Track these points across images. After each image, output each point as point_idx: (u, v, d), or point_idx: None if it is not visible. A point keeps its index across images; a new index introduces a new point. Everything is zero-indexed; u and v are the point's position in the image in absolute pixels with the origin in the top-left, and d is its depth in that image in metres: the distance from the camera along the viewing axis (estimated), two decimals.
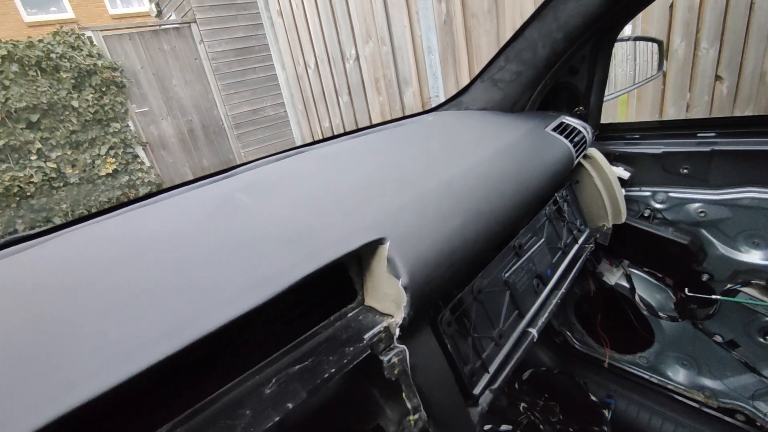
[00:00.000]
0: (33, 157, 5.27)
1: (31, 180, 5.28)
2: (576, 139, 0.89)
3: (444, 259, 0.50)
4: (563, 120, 0.95)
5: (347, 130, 4.26)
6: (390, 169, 0.65)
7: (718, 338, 1.02)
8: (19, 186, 5.21)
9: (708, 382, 1.09)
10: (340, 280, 0.53)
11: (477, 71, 2.77)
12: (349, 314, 0.50)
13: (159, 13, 7.52)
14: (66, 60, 5.32)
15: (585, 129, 0.95)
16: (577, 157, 0.88)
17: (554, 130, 0.89)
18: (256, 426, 0.37)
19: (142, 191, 6.11)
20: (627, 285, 1.11)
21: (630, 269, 1.11)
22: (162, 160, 6.43)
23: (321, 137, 4.77)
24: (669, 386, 1.16)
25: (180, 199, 0.68)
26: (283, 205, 0.56)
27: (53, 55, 5.23)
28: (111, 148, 5.83)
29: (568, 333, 1.35)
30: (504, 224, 0.60)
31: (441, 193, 0.57)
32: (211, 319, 0.36)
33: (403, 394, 0.48)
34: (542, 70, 0.98)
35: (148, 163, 6.24)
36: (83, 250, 0.53)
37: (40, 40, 5.23)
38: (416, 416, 0.49)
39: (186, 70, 6.46)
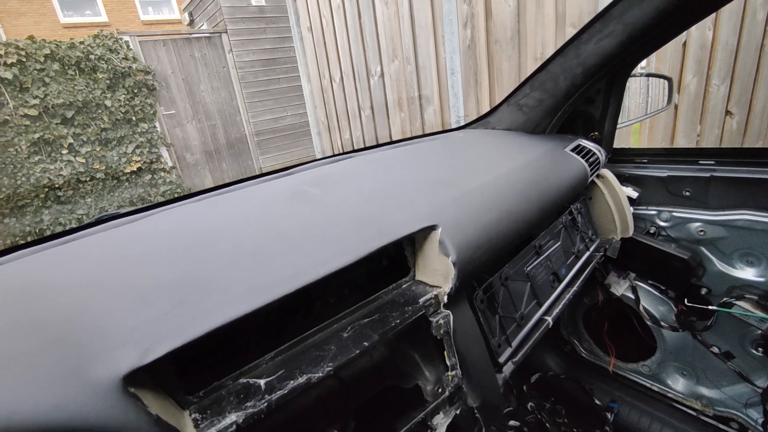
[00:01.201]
0: (64, 152, 5.53)
1: (61, 173, 5.53)
2: (591, 159, 1.02)
3: (482, 245, 0.62)
4: (580, 142, 1.08)
5: (367, 143, 4.41)
6: (434, 172, 0.78)
7: (715, 349, 1.11)
8: (48, 178, 5.45)
9: (705, 391, 1.18)
10: (394, 259, 0.66)
11: (498, 94, 2.92)
12: (404, 285, 0.62)
13: (191, 22, 7.89)
14: (103, 61, 5.62)
15: (599, 151, 1.07)
16: (591, 175, 1.00)
17: (572, 150, 1.01)
18: (341, 356, 0.49)
19: (163, 190, 6.33)
20: (633, 296, 1.21)
21: (636, 281, 1.21)
22: (184, 161, 6.66)
23: (341, 149, 4.91)
24: (669, 394, 1.25)
25: (252, 191, 0.81)
26: (349, 196, 0.69)
27: (92, 56, 5.53)
28: (137, 147, 6.08)
29: (576, 342, 1.45)
30: (528, 224, 0.72)
31: (479, 194, 0.69)
32: (313, 272, 0.48)
33: (445, 353, 0.59)
34: (562, 99, 1.11)
35: (170, 164, 6.48)
36: (187, 224, 0.66)
37: (81, 42, 5.54)
38: (453, 373, 0.61)
39: (213, 77, 6.75)
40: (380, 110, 4.00)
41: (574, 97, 1.09)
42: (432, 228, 0.60)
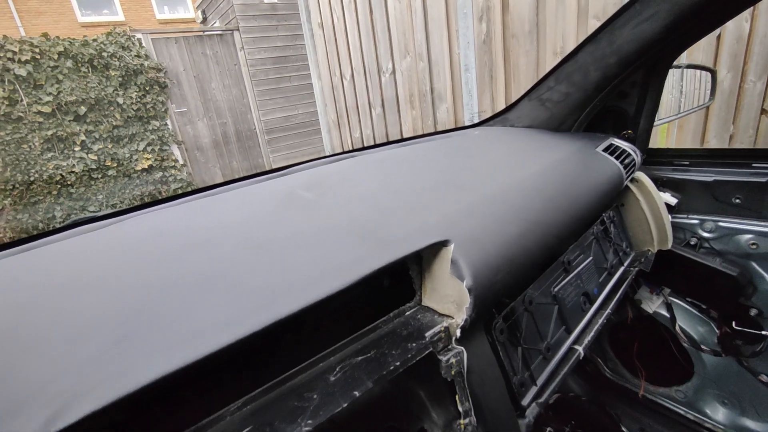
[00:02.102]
0: (77, 149, 5.55)
1: (73, 170, 5.55)
2: (626, 161, 0.89)
3: (504, 264, 0.51)
4: (612, 142, 0.95)
5: (377, 141, 4.31)
6: (446, 174, 0.67)
7: (765, 377, 0.97)
8: (61, 175, 5.49)
9: (750, 424, 1.04)
10: (397, 278, 0.55)
11: (514, 91, 2.78)
12: (407, 312, 0.51)
13: (204, 20, 7.88)
14: (116, 59, 5.63)
15: (634, 152, 0.95)
16: (626, 179, 0.88)
17: (604, 150, 0.89)
18: (324, 409, 0.38)
19: (174, 187, 6.33)
20: (667, 314, 1.08)
21: (671, 298, 1.08)
22: (195, 159, 6.66)
23: (351, 147, 4.82)
24: (707, 424, 1.11)
25: (238, 194, 0.71)
26: (346, 202, 0.58)
27: (105, 54, 5.54)
28: (149, 144, 6.08)
29: (600, 360, 1.32)
30: (558, 237, 0.61)
31: (499, 201, 0.58)
32: (296, 299, 0.38)
33: (457, 396, 0.48)
34: (592, 92, 0.98)
35: (181, 162, 6.47)
36: (161, 231, 0.56)
37: (95, 39, 5.56)
38: (466, 421, 0.50)
39: (225, 75, 6.73)
40: (391, 108, 3.89)
41: (606, 90, 0.97)
42: (443, 244, 0.49)
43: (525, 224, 0.56)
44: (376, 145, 1.05)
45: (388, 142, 1.06)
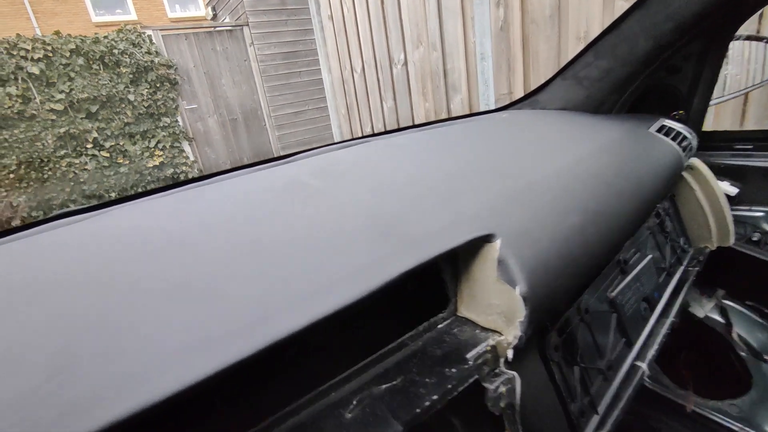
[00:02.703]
0: (89, 146, 5.56)
1: (86, 167, 5.57)
2: (683, 143, 0.77)
3: (564, 265, 0.40)
4: (664, 123, 0.83)
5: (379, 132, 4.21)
6: (480, 159, 0.56)
7: None
8: (74, 172, 5.51)
9: None
10: (425, 281, 0.44)
11: (533, 80, 2.64)
12: (440, 325, 0.41)
13: (214, 17, 7.85)
14: (127, 56, 5.61)
15: (690, 134, 0.83)
16: (685, 164, 0.76)
17: (657, 131, 0.77)
18: None
19: None
20: (721, 319, 0.96)
21: (726, 301, 0.96)
22: (205, 155, 6.63)
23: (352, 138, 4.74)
24: None
25: (236, 183, 0.61)
26: (361, 191, 0.48)
27: (116, 51, 5.53)
28: (159, 141, 6.07)
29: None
30: (623, 230, 0.50)
31: (552, 186, 0.47)
32: (296, 315, 0.28)
33: None
34: (638, 67, 0.86)
35: (192, 158, 6.46)
36: (138, 226, 0.47)
37: (105, 37, 5.55)
38: None
39: (235, 71, 6.68)
40: (403, 100, 3.77)
41: (656, 64, 0.84)
42: (486, 239, 0.38)
43: (585, 214, 0.45)
44: (392, 131, 0.95)
45: (406, 127, 0.95)
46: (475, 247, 0.39)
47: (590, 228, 0.44)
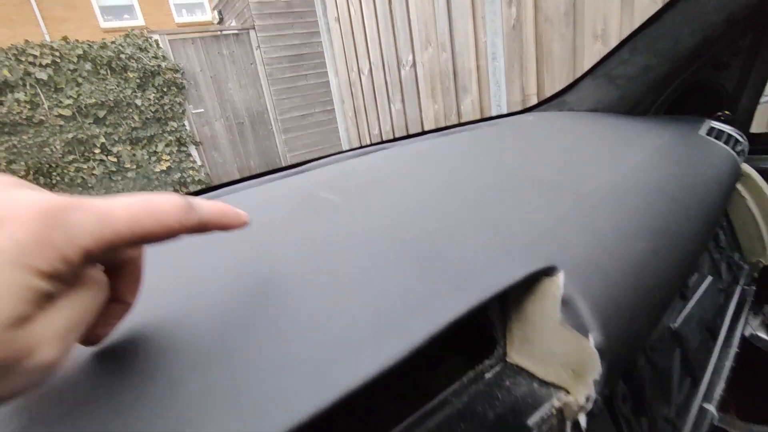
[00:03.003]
0: (96, 151, 5.58)
1: (93, 172, 5.58)
2: (736, 148, 0.69)
3: (637, 301, 0.33)
4: (712, 125, 0.75)
5: (398, 137, 4.15)
6: (520, 170, 0.49)
7: None
8: (82, 177, 5.52)
9: None
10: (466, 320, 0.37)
11: (547, 80, 2.56)
12: (487, 374, 0.34)
13: (221, 21, 7.86)
14: (134, 60, 5.62)
15: (742, 137, 0.75)
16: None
17: (707, 135, 0.69)
18: None
19: (192, 189, 6.31)
20: None
21: None
22: (212, 159, 6.62)
23: (370, 143, 4.68)
24: None
25: (242, 197, 0.55)
26: (387, 205, 0.41)
27: (123, 56, 5.54)
28: (167, 145, 6.07)
29: None
30: (694, 251, 0.42)
31: (611, 203, 0.40)
32: (311, 400, 0.21)
33: None
34: (682, 63, 0.78)
35: (199, 162, 6.45)
36: None
37: (113, 42, 5.56)
38: None
39: (242, 75, 6.66)
40: (412, 102, 3.70)
41: (702, 60, 0.77)
42: (545, 272, 0.31)
43: (655, 237, 0.38)
44: (408, 136, 0.88)
45: (424, 132, 0.88)
46: (530, 280, 0.32)
47: (662, 252, 0.37)
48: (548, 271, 0.32)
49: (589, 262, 0.33)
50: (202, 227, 0.23)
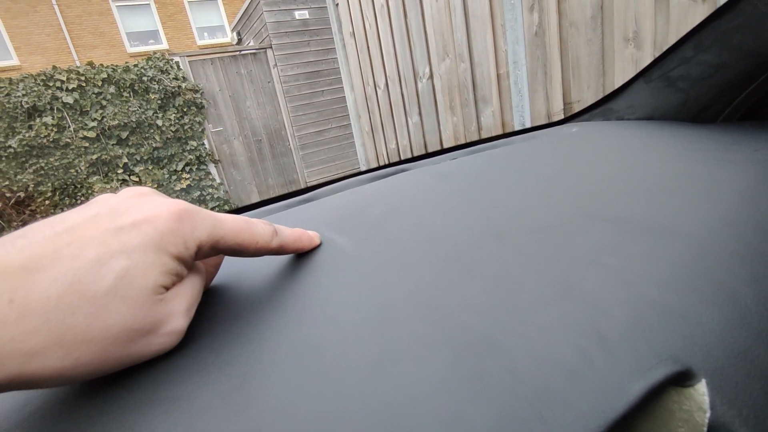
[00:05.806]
0: (119, 171, 5.69)
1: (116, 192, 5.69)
2: None
3: None
4: None
5: (415, 153, 4.03)
6: (587, 202, 0.36)
7: None
8: None
9: None
10: None
11: (575, 88, 2.42)
12: None
13: (239, 41, 8.04)
14: (155, 82, 5.75)
15: None
16: None
17: None
18: None
19: (211, 206, 6.35)
20: None
21: None
22: (231, 177, 6.68)
23: (387, 160, 4.59)
24: None
25: None
26: (411, 255, 0.30)
27: (145, 78, 5.68)
28: (187, 164, 6.15)
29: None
30: None
31: (737, 247, 0.27)
32: None
33: None
34: (765, 60, 0.65)
35: (218, 180, 6.51)
36: None
37: (135, 65, 5.72)
38: None
39: (259, 93, 6.75)
40: (429, 115, 3.61)
41: None
42: (676, 380, 0.19)
43: None
44: (429, 154, 0.76)
45: (449, 149, 0.77)
46: (648, 396, 0.20)
47: None
48: (680, 378, 0.19)
49: (733, 358, 0.20)
50: (281, 250, 0.29)
